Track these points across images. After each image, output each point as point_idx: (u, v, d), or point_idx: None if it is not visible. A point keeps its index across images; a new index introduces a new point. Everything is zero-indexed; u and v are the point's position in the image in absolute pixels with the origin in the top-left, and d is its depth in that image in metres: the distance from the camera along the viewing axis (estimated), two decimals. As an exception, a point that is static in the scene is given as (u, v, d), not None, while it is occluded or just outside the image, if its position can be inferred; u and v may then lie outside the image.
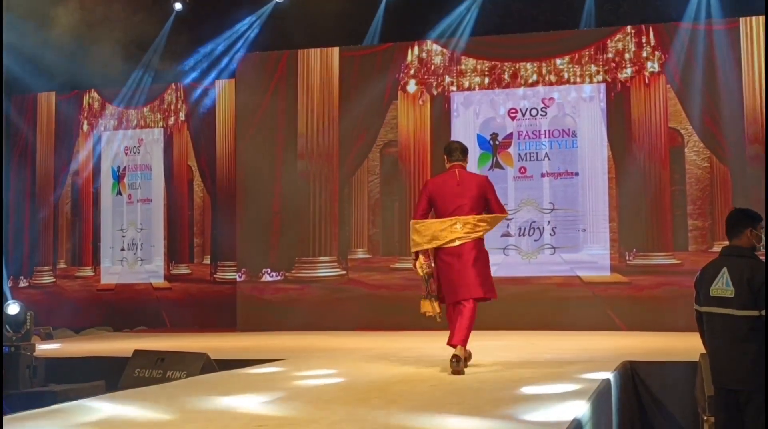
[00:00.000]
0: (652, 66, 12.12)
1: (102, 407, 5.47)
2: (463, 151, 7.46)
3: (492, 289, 7.24)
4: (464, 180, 7.24)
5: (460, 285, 7.03)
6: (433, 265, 7.19)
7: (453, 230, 7.03)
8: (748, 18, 11.77)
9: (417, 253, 7.25)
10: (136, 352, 8.53)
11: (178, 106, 14.57)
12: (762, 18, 11.70)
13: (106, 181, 14.91)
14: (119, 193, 14.85)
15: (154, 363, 8.12)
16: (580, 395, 5.43)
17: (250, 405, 5.51)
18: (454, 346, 6.92)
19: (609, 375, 6.36)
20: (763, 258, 5.45)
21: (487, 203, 7.19)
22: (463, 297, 7.04)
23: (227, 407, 5.45)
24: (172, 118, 14.62)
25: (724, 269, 5.38)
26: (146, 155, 14.78)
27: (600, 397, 5.53)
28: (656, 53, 12.11)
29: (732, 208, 5.72)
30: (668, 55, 12.05)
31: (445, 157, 7.51)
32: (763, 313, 5.21)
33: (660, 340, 10.02)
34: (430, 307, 7.20)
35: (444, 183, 7.29)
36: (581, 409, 4.97)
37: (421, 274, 7.18)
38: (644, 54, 12.16)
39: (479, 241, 7.11)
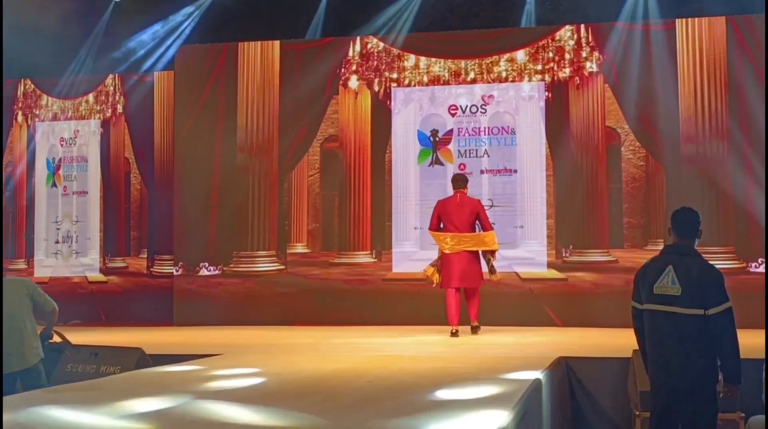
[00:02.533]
0: (591, 65, 12.24)
1: None
2: (465, 180, 10.42)
3: (473, 281, 10.20)
4: (463, 202, 10.24)
5: (452, 277, 10.08)
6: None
7: (446, 242, 10.09)
8: (684, 19, 11.95)
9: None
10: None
11: (116, 98, 14.36)
12: (697, 20, 11.90)
13: (41, 173, 14.64)
14: (54, 184, 14.60)
15: (88, 358, 8.01)
16: (511, 394, 5.46)
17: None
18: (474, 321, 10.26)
19: (539, 374, 6.40)
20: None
21: (478, 219, 10.19)
22: (455, 285, 10.13)
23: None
24: (110, 110, 14.41)
25: (670, 267, 5.38)
26: (82, 147, 14.54)
27: (531, 395, 5.57)
28: (594, 53, 12.24)
29: (682, 206, 5.67)
30: (606, 54, 12.18)
31: (452, 184, 10.42)
32: (708, 312, 5.25)
33: (595, 337, 10.15)
34: (431, 273, 10.29)
35: (448, 203, 10.29)
36: (511, 407, 5.00)
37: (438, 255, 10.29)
38: (583, 53, 12.28)
39: (471, 252, 10.14)
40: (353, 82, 12.93)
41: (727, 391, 5.37)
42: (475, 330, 10.19)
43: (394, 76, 12.84)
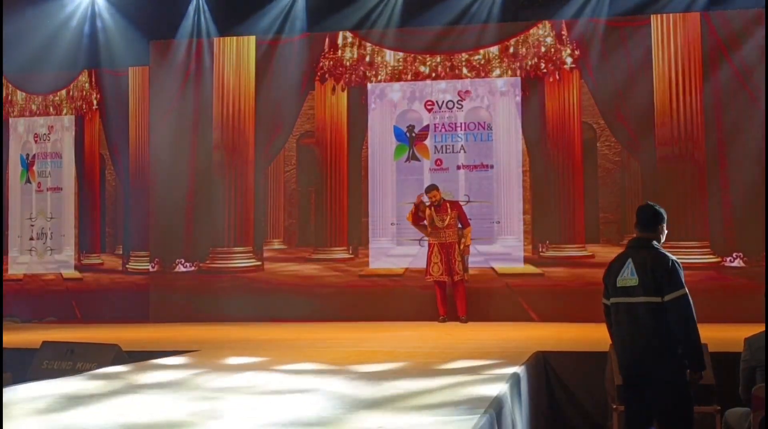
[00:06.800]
0: (567, 61, 12.28)
1: None
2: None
3: None
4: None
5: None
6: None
7: None
8: (659, 15, 12.00)
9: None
10: (45, 343, 8.34)
11: (91, 93, 14.26)
12: (672, 15, 11.96)
13: (15, 169, 14.53)
14: (28, 181, 14.48)
15: (64, 354, 7.95)
16: (488, 389, 5.47)
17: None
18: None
19: (517, 369, 6.42)
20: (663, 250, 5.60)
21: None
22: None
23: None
24: (84, 105, 14.30)
25: (629, 260, 5.54)
26: (56, 143, 14.43)
27: (508, 390, 5.58)
28: (571, 48, 12.28)
29: (645, 201, 5.85)
30: (582, 50, 12.23)
31: (436, 191, 11.37)
32: (664, 299, 5.36)
33: (571, 331, 10.18)
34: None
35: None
36: (488, 402, 5.01)
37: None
38: (559, 49, 12.32)
39: None
40: (329, 78, 12.90)
41: (693, 378, 5.43)
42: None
43: (371, 71, 12.83)
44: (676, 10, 11.95)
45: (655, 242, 5.58)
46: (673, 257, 5.51)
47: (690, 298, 5.40)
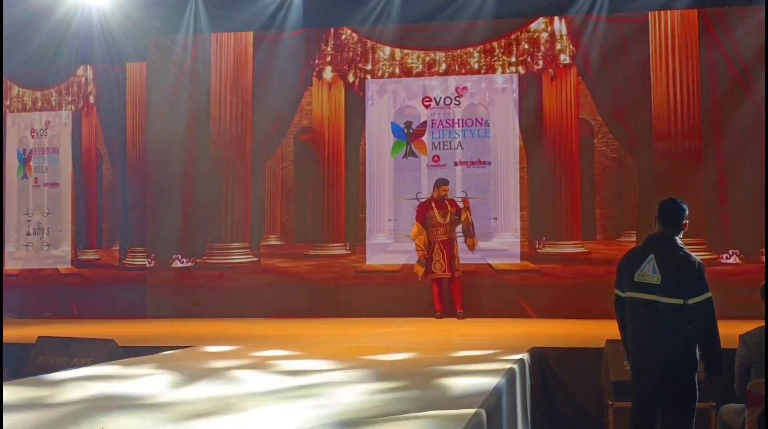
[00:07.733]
0: (564, 57, 12.28)
1: None
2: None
3: None
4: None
5: None
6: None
7: None
8: (656, 12, 12.00)
9: None
10: (41, 338, 8.34)
11: (88, 88, 14.24)
12: (669, 12, 11.95)
13: (12, 164, 14.51)
14: (25, 176, 14.46)
15: (60, 350, 7.95)
16: (484, 384, 5.48)
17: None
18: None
19: (513, 364, 6.43)
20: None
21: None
22: None
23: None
24: (81, 101, 14.28)
25: (651, 256, 5.44)
26: (54, 138, 14.40)
27: (504, 385, 5.59)
28: (568, 45, 12.28)
29: (669, 196, 5.76)
30: (580, 46, 12.22)
31: (446, 186, 11.62)
32: (688, 302, 5.30)
33: (568, 327, 10.20)
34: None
35: None
36: (484, 398, 5.01)
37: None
38: (557, 45, 12.32)
39: None
40: (327, 74, 12.90)
41: (709, 382, 5.43)
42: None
43: (368, 67, 12.83)
44: (674, 7, 11.95)
45: (678, 240, 5.52)
46: (699, 259, 5.46)
47: (713, 301, 5.37)
